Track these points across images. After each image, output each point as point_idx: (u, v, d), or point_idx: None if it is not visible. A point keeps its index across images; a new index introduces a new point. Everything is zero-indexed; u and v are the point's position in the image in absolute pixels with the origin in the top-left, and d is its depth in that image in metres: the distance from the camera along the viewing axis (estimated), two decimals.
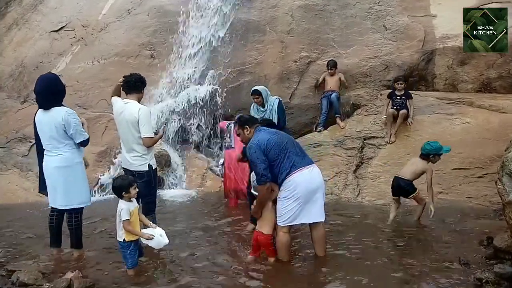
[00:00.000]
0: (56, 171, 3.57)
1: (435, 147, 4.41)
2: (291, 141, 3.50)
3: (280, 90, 7.14)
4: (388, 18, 7.47)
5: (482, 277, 2.91)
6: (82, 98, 7.34)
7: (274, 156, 3.32)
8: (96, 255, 3.74)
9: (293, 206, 3.32)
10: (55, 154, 3.57)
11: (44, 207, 5.52)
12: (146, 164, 3.86)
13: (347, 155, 6.10)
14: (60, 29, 8.77)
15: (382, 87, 7.03)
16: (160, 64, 7.83)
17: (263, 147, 3.32)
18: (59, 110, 3.55)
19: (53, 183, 3.62)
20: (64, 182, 3.57)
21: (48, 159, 3.60)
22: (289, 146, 3.39)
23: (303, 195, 3.31)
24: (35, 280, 3.06)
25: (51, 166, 3.58)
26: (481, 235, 3.85)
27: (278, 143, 3.36)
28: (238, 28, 7.88)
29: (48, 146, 3.58)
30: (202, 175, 6.59)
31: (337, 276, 3.17)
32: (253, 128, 3.54)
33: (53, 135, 3.53)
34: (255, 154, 3.33)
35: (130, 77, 3.90)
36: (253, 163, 3.40)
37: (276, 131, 3.58)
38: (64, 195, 3.59)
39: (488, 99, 6.25)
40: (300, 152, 3.44)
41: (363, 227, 4.48)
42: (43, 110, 3.58)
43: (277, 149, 3.33)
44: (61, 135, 3.54)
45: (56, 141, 3.55)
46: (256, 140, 3.40)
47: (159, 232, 3.31)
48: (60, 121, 3.50)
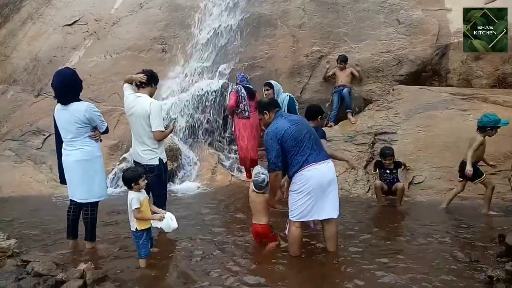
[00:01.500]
0: (76, 165, 3.61)
1: (492, 119, 4.38)
2: (309, 134, 3.39)
3: (291, 85, 7.12)
4: (402, 12, 7.38)
5: (493, 274, 2.87)
6: (95, 92, 7.43)
7: (289, 148, 3.30)
8: (108, 248, 3.79)
9: (304, 200, 3.32)
10: (75, 148, 3.60)
11: (57, 199, 5.65)
12: (157, 158, 3.90)
13: (357, 151, 6.07)
14: (73, 23, 8.87)
15: (394, 82, 6.97)
16: (171, 58, 7.88)
17: (279, 136, 3.30)
18: (79, 106, 3.59)
19: (72, 177, 3.66)
20: (84, 176, 3.62)
21: (68, 153, 3.64)
22: (305, 140, 3.34)
23: (314, 190, 3.29)
24: (49, 270, 3.11)
25: (71, 160, 3.62)
26: (493, 232, 3.81)
27: (295, 135, 3.32)
28: (249, 22, 7.86)
29: (68, 140, 3.62)
30: (212, 169, 6.62)
31: (348, 272, 3.17)
32: (273, 113, 3.50)
33: (73, 130, 3.58)
34: (270, 141, 3.33)
35: (143, 72, 3.94)
36: (267, 149, 3.40)
37: (298, 119, 3.51)
38: (83, 188, 3.64)
39: (502, 94, 6.13)
40: (316, 147, 3.38)
41: (373, 223, 4.46)
42: (62, 105, 3.62)
43: (293, 141, 3.30)
44: (81, 130, 3.59)
45: (76, 136, 3.59)
46: (274, 127, 3.38)
47: (170, 216, 3.38)
48: (81, 116, 3.54)
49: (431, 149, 5.64)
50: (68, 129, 3.59)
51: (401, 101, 6.51)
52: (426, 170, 5.48)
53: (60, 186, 5.49)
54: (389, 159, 5.00)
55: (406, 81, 6.94)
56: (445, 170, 5.35)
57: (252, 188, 3.70)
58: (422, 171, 5.49)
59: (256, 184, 3.65)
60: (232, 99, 6.24)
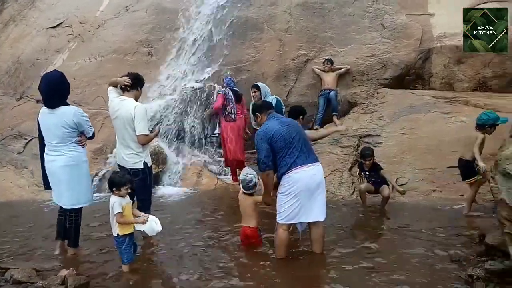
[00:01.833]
0: (62, 170, 3.54)
1: (492, 117, 4.42)
2: (299, 136, 3.42)
3: (278, 88, 7.15)
4: (386, 17, 7.49)
5: (473, 273, 2.94)
6: (79, 95, 7.33)
7: (278, 148, 3.34)
8: (91, 253, 3.74)
9: (292, 203, 3.33)
10: (61, 153, 3.53)
11: (38, 205, 5.55)
12: (141, 161, 3.87)
13: (343, 153, 6.11)
14: (57, 25, 8.76)
15: (379, 85, 7.06)
16: (157, 61, 7.83)
17: (269, 136, 3.34)
18: (67, 110, 3.53)
19: (58, 183, 3.58)
20: (71, 182, 3.55)
21: (53, 159, 3.56)
22: (295, 142, 3.37)
23: (302, 192, 3.31)
24: (29, 277, 3.06)
25: (57, 166, 3.54)
26: (473, 232, 3.88)
27: (285, 136, 3.35)
28: (236, 26, 7.88)
29: (54, 145, 3.54)
30: (198, 173, 6.59)
31: (333, 275, 3.19)
32: (265, 115, 3.57)
33: (60, 134, 3.51)
34: (260, 141, 3.38)
35: (128, 75, 3.91)
36: (257, 149, 3.45)
37: (289, 121, 3.56)
38: (70, 194, 3.58)
39: (483, 98, 6.27)
40: (305, 149, 3.40)
41: (358, 225, 4.50)
42: (48, 109, 3.55)
43: (282, 142, 3.34)
44: (68, 135, 3.53)
45: (63, 140, 3.53)
46: (264, 128, 3.44)
47: (153, 219, 3.33)
48: (69, 121, 3.49)
49: (414, 152, 5.72)
50: (54, 134, 3.52)
51: (385, 104, 6.60)
52: (409, 172, 5.55)
53: (42, 191, 5.42)
54: (369, 159, 4.96)
55: (390, 84, 7.04)
56: (427, 172, 5.43)
57: (242, 190, 3.74)
58: (405, 173, 5.55)
59: (244, 184, 3.70)
60: (219, 100, 6.26)
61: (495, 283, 2.81)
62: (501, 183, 2.68)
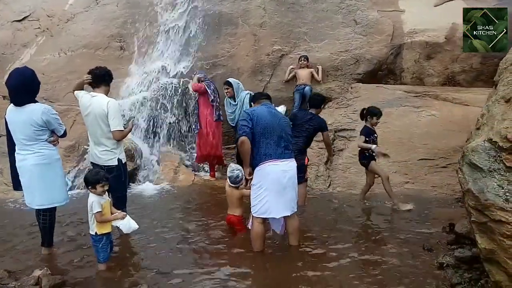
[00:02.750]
0: (34, 169, 3.42)
1: None
2: (281, 131, 3.45)
3: (253, 83, 7.16)
4: (359, 13, 7.62)
5: (444, 261, 3.07)
6: (48, 91, 7.09)
7: (256, 133, 3.38)
8: (66, 252, 3.65)
9: (263, 196, 3.36)
10: (32, 152, 3.41)
11: (8, 204, 5.35)
12: (116, 158, 3.79)
13: (318, 147, 6.20)
14: (23, 19, 8.41)
15: (352, 80, 7.20)
16: (130, 56, 7.67)
17: (252, 116, 3.42)
18: (35, 108, 3.40)
19: (30, 182, 3.45)
20: (44, 181, 3.44)
21: (23, 158, 3.43)
22: (275, 134, 3.40)
23: (271, 186, 3.34)
24: (1, 279, 2.97)
25: (28, 164, 3.42)
26: (444, 222, 4.03)
27: (267, 124, 3.39)
28: (210, 20, 7.81)
29: (23, 144, 3.42)
30: (175, 169, 6.52)
31: (307, 267, 3.25)
32: (258, 103, 3.70)
33: (29, 133, 3.38)
34: (244, 115, 3.49)
35: (96, 70, 3.81)
36: (239, 123, 3.52)
37: (280, 116, 3.59)
38: (44, 194, 3.46)
39: (452, 92, 6.51)
40: (283, 145, 3.43)
41: (334, 217, 4.59)
42: (15, 106, 3.42)
43: (262, 129, 3.37)
44: (37, 133, 3.41)
45: (32, 139, 3.40)
46: (252, 109, 3.61)
47: (129, 218, 3.29)
48: (38, 119, 3.36)
49: (387, 145, 5.86)
50: (23, 132, 3.40)
51: (359, 98, 6.74)
52: (383, 165, 5.66)
53: (11, 191, 5.21)
54: (380, 117, 4.89)
55: (364, 79, 7.19)
56: (400, 165, 5.60)
57: (228, 183, 4.05)
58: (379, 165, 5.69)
59: (231, 179, 4.01)
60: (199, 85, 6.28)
61: (463, 269, 2.95)
62: (467, 173, 2.80)
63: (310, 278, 3.05)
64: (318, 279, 3.03)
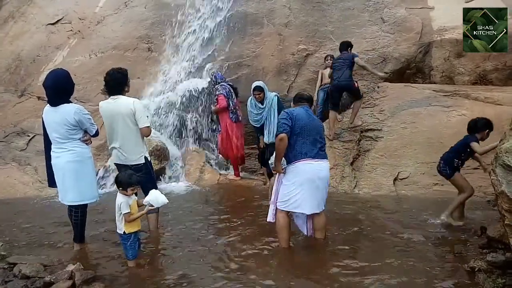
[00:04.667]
0: (67, 166, 3.57)
1: None
2: (316, 133, 3.55)
3: (278, 83, 7.16)
4: (386, 11, 7.49)
5: (475, 265, 2.98)
6: (80, 92, 7.32)
7: (294, 132, 3.44)
8: (97, 248, 3.78)
9: (296, 192, 3.43)
10: (66, 149, 3.57)
11: (43, 201, 5.59)
12: (143, 156, 3.90)
13: (344, 148, 6.15)
14: (56, 22, 8.74)
15: (379, 79, 7.06)
16: (157, 57, 7.83)
17: (292, 116, 3.47)
18: (69, 108, 3.54)
19: (64, 179, 3.60)
20: (76, 177, 3.58)
21: (58, 155, 3.59)
22: (311, 135, 3.48)
23: (305, 183, 3.41)
24: (37, 272, 3.09)
25: (62, 161, 3.57)
26: (475, 225, 3.91)
27: (305, 125, 3.47)
28: (236, 21, 7.87)
29: (58, 142, 3.58)
30: (200, 168, 6.62)
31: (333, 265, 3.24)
32: (297, 105, 3.70)
33: (63, 132, 3.54)
34: (283, 115, 3.51)
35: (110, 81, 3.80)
36: (279, 122, 3.54)
37: (314, 118, 3.68)
38: (76, 190, 3.60)
39: (483, 91, 6.28)
40: (318, 145, 3.52)
41: (359, 218, 4.53)
42: (51, 106, 3.57)
43: (300, 129, 3.44)
44: (70, 132, 3.56)
45: (66, 138, 3.56)
46: (291, 109, 3.61)
47: (157, 192, 3.32)
48: (71, 119, 3.51)
49: (415, 145, 5.75)
50: (57, 131, 3.56)
51: (386, 98, 6.62)
52: (411, 166, 5.59)
53: (46, 188, 5.45)
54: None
55: (391, 78, 7.05)
56: (428, 166, 5.46)
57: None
58: (407, 167, 5.59)
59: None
60: (222, 102, 6.30)
61: (496, 274, 2.86)
62: (501, 175, 2.72)
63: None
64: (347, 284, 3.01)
